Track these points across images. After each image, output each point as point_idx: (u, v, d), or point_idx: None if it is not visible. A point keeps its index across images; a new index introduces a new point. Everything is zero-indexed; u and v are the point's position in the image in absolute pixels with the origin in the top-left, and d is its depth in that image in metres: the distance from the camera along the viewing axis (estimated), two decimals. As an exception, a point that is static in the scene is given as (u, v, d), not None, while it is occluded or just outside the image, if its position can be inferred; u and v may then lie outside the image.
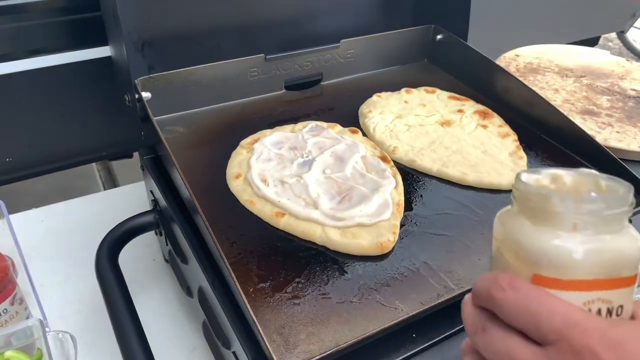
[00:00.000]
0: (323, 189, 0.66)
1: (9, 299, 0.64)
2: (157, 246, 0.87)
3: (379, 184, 0.66)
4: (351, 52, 0.93)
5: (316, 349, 0.48)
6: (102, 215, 0.92)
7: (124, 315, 0.62)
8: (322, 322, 0.51)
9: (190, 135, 0.78)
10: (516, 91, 0.84)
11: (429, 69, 1.00)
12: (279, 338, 0.49)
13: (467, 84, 0.93)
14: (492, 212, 0.65)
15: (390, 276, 0.56)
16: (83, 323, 0.75)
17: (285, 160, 0.71)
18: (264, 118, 0.83)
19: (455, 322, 0.54)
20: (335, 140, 0.75)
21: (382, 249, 0.59)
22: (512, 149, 0.75)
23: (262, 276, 0.56)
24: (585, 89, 0.96)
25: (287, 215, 0.63)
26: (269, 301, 0.53)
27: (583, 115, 0.88)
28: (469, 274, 0.57)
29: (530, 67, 1.04)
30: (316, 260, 0.58)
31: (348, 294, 0.54)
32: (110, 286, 0.66)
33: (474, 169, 0.70)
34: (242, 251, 0.59)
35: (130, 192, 0.99)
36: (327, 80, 0.93)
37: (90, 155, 1.03)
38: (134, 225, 0.73)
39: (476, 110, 0.83)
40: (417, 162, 0.72)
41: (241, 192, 0.66)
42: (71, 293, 0.79)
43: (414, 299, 0.54)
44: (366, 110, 0.83)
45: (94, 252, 0.72)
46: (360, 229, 0.61)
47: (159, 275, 0.84)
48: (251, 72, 0.85)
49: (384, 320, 0.51)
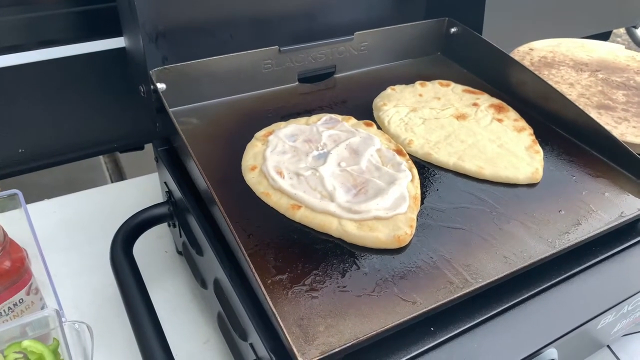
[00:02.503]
0: (339, 181, 0.66)
1: (24, 289, 0.64)
2: (169, 238, 0.87)
3: (395, 177, 0.66)
4: (365, 44, 0.93)
5: (335, 342, 0.48)
6: (114, 207, 0.93)
7: (140, 306, 0.62)
8: (340, 315, 0.51)
9: (204, 127, 0.78)
10: (531, 85, 0.84)
11: (442, 62, 0.99)
12: (298, 330, 0.49)
13: (480, 78, 0.93)
14: (509, 206, 0.65)
15: (408, 269, 0.56)
16: (96, 314, 0.75)
17: (300, 153, 0.71)
18: (277, 110, 0.83)
19: (473, 316, 0.54)
20: (350, 133, 0.74)
21: (399, 242, 0.58)
22: (528, 143, 0.75)
23: (280, 268, 0.56)
24: (601, 83, 0.95)
25: (303, 208, 0.62)
26: (287, 293, 0.53)
27: (599, 110, 0.87)
28: (486, 268, 0.57)
29: (545, 61, 1.03)
30: (333, 253, 0.58)
31: (366, 287, 0.54)
32: (126, 277, 0.66)
33: (491, 163, 0.70)
34: (259, 243, 0.59)
35: (142, 183, 0.99)
36: (340, 73, 0.92)
37: (101, 147, 1.03)
38: (148, 216, 0.73)
39: (491, 104, 0.83)
40: (432, 155, 0.72)
41: (257, 184, 0.66)
42: (84, 284, 0.79)
43: (432, 293, 0.53)
44: (380, 103, 0.83)
45: (106, 244, 0.72)
46: (377, 222, 0.60)
47: (172, 267, 0.84)
48: (265, 64, 0.85)
49: (402, 314, 0.51)
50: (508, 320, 0.55)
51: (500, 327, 0.55)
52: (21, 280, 0.64)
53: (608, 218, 0.64)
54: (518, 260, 0.58)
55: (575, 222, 0.63)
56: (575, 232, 0.62)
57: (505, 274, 0.55)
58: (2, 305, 0.63)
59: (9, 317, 0.64)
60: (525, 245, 0.60)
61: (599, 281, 0.61)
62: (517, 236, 0.61)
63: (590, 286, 0.61)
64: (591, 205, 0.66)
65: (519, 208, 0.65)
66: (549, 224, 0.63)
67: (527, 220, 0.63)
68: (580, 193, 0.68)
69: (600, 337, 0.65)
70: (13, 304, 0.64)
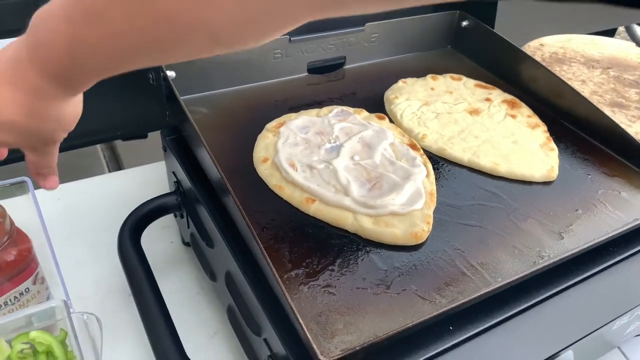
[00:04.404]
0: (352, 175, 0.65)
1: (30, 279, 0.63)
2: (175, 228, 0.86)
3: (409, 172, 0.65)
4: (375, 35, 0.91)
5: (355, 339, 0.47)
6: (118, 196, 0.91)
7: (150, 297, 0.61)
8: (359, 312, 0.50)
9: (213, 117, 0.77)
10: (544, 81, 0.83)
11: (453, 55, 0.98)
12: (316, 327, 0.48)
13: (491, 72, 0.92)
14: (525, 204, 0.64)
15: (426, 267, 0.55)
16: (101, 304, 0.74)
17: (312, 145, 0.69)
18: (286, 101, 0.82)
19: (492, 316, 0.53)
20: (362, 126, 0.73)
21: (416, 239, 0.57)
22: (543, 140, 0.74)
23: (295, 263, 0.55)
24: (613, 81, 0.94)
25: (317, 202, 0.61)
26: (303, 289, 0.52)
27: (612, 108, 0.87)
28: (505, 267, 0.56)
29: (556, 57, 1.02)
30: (349, 249, 0.57)
31: (384, 285, 0.53)
32: (134, 267, 0.65)
33: (506, 160, 0.69)
34: (273, 237, 0.58)
35: (146, 172, 0.98)
36: (350, 64, 0.91)
37: (105, 135, 1.01)
38: (156, 206, 0.72)
39: (504, 100, 0.82)
40: (447, 150, 0.71)
41: (269, 176, 0.65)
42: (89, 274, 0.78)
43: (452, 291, 0.53)
44: (392, 96, 0.81)
45: (110, 233, 0.71)
46: (393, 217, 0.59)
47: (177, 258, 0.82)
48: (275, 53, 0.83)
49: (423, 313, 0.50)
50: (526, 321, 0.54)
51: (519, 328, 0.54)
52: (27, 270, 0.63)
53: (626, 218, 0.63)
54: (537, 259, 0.57)
55: (592, 221, 0.63)
56: (593, 232, 0.61)
57: (525, 274, 0.54)
58: (8, 294, 0.61)
59: (15, 306, 0.63)
60: (544, 244, 0.59)
61: (617, 282, 0.61)
62: (535, 235, 0.60)
63: (608, 287, 0.60)
64: (607, 204, 0.65)
65: (535, 206, 0.64)
66: (566, 223, 0.62)
67: (544, 219, 0.62)
68: (596, 192, 0.67)
69: (614, 339, 0.65)
70: (19, 293, 0.62)
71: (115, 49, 0.44)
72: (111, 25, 0.42)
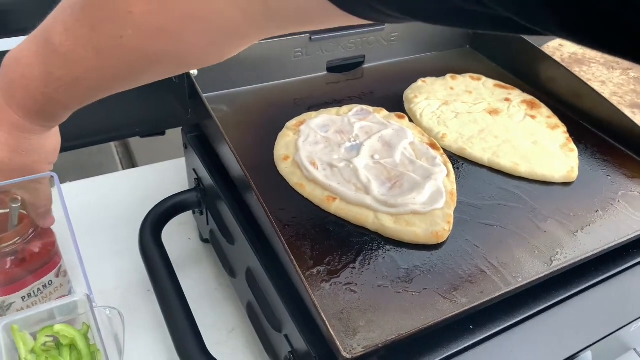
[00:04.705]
0: (373, 174, 0.65)
1: (54, 271, 0.64)
2: (193, 225, 0.87)
3: (430, 171, 0.65)
4: (395, 35, 0.91)
5: (376, 337, 0.47)
6: (136, 193, 0.92)
7: (171, 292, 0.62)
8: (381, 310, 0.50)
9: (233, 114, 0.77)
10: (563, 81, 0.83)
11: (471, 55, 0.98)
12: (338, 324, 0.49)
13: (510, 72, 0.92)
14: (545, 204, 0.64)
15: (446, 266, 0.56)
16: (121, 298, 0.75)
17: (333, 144, 0.70)
18: (306, 99, 0.82)
19: (512, 315, 0.53)
20: (382, 125, 0.73)
21: (437, 238, 0.58)
22: (563, 141, 0.74)
23: (317, 260, 0.55)
24: (633, 82, 0.94)
25: (338, 200, 0.62)
26: (325, 286, 0.53)
27: (633, 109, 0.86)
28: (525, 267, 0.56)
29: (575, 58, 1.02)
30: (369, 247, 0.58)
31: (405, 283, 0.53)
32: (156, 262, 0.66)
33: (526, 160, 0.69)
34: (295, 234, 0.58)
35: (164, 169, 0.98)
36: (369, 63, 0.91)
37: (123, 132, 1.02)
38: (177, 203, 0.73)
39: (523, 100, 0.82)
40: (467, 150, 0.71)
41: (290, 174, 0.65)
42: (110, 269, 0.79)
43: (473, 290, 0.53)
44: (412, 96, 0.82)
45: (130, 229, 0.72)
46: (413, 216, 0.60)
47: (195, 254, 0.83)
48: (295, 52, 0.84)
49: (444, 311, 0.50)
50: (546, 321, 0.55)
51: (538, 328, 0.54)
52: (51, 263, 0.64)
53: (646, 220, 0.63)
54: (557, 260, 0.57)
55: (612, 222, 0.63)
56: (613, 233, 0.61)
57: (545, 274, 0.55)
58: (32, 286, 0.62)
59: (38, 298, 0.64)
60: (563, 244, 0.59)
61: (637, 284, 0.61)
62: (555, 235, 0.60)
63: (628, 289, 0.60)
64: (628, 206, 0.65)
65: (556, 207, 0.64)
66: (586, 223, 0.62)
67: (564, 220, 0.62)
68: (616, 193, 0.67)
69: (632, 341, 0.65)
70: (42, 286, 0.63)
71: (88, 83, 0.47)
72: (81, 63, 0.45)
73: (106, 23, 0.41)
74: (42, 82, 0.47)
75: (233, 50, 0.45)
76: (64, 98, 0.49)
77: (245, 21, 0.40)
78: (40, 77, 0.47)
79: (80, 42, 0.43)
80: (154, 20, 0.40)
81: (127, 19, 0.40)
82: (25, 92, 0.48)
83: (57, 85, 0.47)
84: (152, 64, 0.44)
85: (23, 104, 0.50)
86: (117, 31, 0.41)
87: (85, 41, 0.43)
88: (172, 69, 0.47)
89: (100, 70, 0.45)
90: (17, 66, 0.48)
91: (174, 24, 0.40)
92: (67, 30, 0.43)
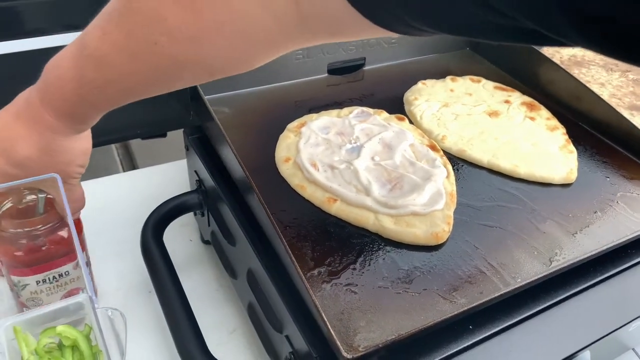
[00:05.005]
0: (373, 176, 0.65)
1: (73, 263, 0.65)
2: (194, 226, 0.87)
3: (430, 173, 0.66)
4: (395, 37, 0.92)
5: (377, 337, 0.48)
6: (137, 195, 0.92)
7: (173, 293, 0.63)
8: (381, 311, 0.51)
9: (235, 116, 0.77)
10: (562, 83, 0.83)
11: (471, 57, 0.99)
12: (339, 324, 0.49)
13: (510, 74, 0.92)
14: (544, 205, 0.65)
15: (446, 267, 0.56)
16: (123, 300, 0.75)
17: (334, 146, 0.70)
18: (306, 101, 0.83)
19: (511, 315, 0.54)
20: (383, 127, 0.74)
21: (437, 239, 0.58)
22: (562, 142, 0.74)
23: (318, 261, 0.56)
24: (632, 84, 0.94)
25: (339, 201, 0.62)
26: (325, 287, 0.53)
27: (631, 111, 0.87)
28: (525, 268, 0.56)
29: (575, 60, 1.03)
30: (370, 248, 0.58)
31: (405, 284, 0.54)
32: (158, 264, 0.66)
33: (525, 162, 0.70)
34: (296, 235, 0.59)
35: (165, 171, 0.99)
36: (370, 65, 0.92)
37: (125, 133, 1.03)
38: (178, 204, 0.73)
39: (523, 102, 0.82)
40: (467, 152, 0.71)
41: (291, 176, 0.66)
42: (111, 270, 0.79)
43: (472, 291, 0.53)
44: (412, 98, 0.82)
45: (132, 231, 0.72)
46: (413, 217, 0.60)
47: (197, 255, 0.84)
48: (296, 54, 0.84)
49: (444, 312, 0.50)
50: (545, 321, 0.55)
51: (537, 327, 0.55)
52: (72, 254, 0.64)
53: (644, 221, 0.63)
54: (555, 260, 0.57)
55: (610, 223, 0.63)
56: (612, 234, 0.61)
57: (544, 275, 0.55)
58: (48, 273, 0.63)
59: (53, 285, 0.65)
60: (562, 245, 0.59)
61: (635, 284, 0.61)
62: (554, 236, 0.60)
63: (626, 289, 0.60)
64: (626, 207, 0.65)
65: (555, 208, 0.65)
66: (585, 225, 0.63)
67: (563, 221, 0.63)
68: (614, 194, 0.67)
69: (630, 341, 0.65)
70: (58, 274, 0.64)
71: (120, 88, 0.49)
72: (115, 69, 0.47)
73: (141, 29, 0.43)
74: (76, 84, 0.49)
75: (264, 59, 0.45)
76: (96, 100, 0.50)
77: (279, 31, 0.41)
78: (74, 79, 0.49)
79: (115, 47, 0.45)
80: (188, 28, 0.41)
81: (161, 26, 0.41)
82: (60, 93, 0.51)
83: (90, 87, 0.48)
84: (183, 71, 0.45)
85: (56, 104, 0.52)
86: (151, 37, 0.42)
87: (120, 46, 0.44)
88: (203, 76, 0.48)
89: (133, 75, 0.46)
90: (56, 69, 0.50)
91: (207, 33, 0.41)
92: (104, 34, 0.45)
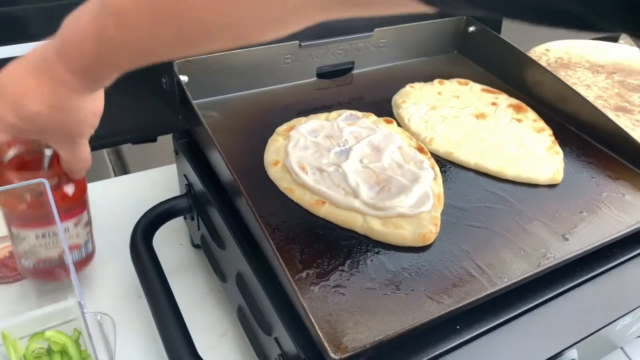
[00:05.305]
0: (361, 178, 0.66)
1: (73, 220, 0.66)
2: (184, 230, 0.87)
3: (417, 174, 0.66)
4: (383, 41, 0.93)
5: (364, 338, 0.48)
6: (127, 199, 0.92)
7: (163, 298, 0.63)
8: (368, 312, 0.51)
9: (224, 120, 0.78)
10: (549, 85, 0.84)
11: (460, 60, 0.99)
12: (327, 326, 0.49)
13: (498, 77, 0.93)
14: (531, 206, 0.65)
15: (433, 268, 0.56)
16: (112, 304, 0.75)
17: (322, 149, 0.71)
18: (296, 105, 0.83)
19: (498, 315, 0.54)
20: (371, 130, 0.74)
21: (424, 240, 0.59)
22: (548, 144, 0.75)
23: (306, 264, 0.56)
24: (617, 85, 0.95)
25: (327, 204, 0.63)
26: (314, 289, 0.53)
27: (617, 112, 0.88)
28: (511, 268, 0.57)
29: (561, 62, 1.04)
30: (358, 250, 0.58)
31: (393, 285, 0.54)
32: (147, 268, 0.66)
33: (512, 163, 0.70)
34: (284, 238, 0.59)
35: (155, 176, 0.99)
36: (358, 69, 0.92)
37: (116, 138, 1.02)
38: (168, 208, 0.73)
39: (510, 104, 0.83)
40: (454, 154, 0.72)
41: (280, 179, 0.66)
42: (100, 275, 0.79)
43: (459, 291, 0.54)
44: (400, 101, 0.83)
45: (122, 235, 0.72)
46: (401, 219, 0.61)
47: (187, 259, 0.84)
48: (285, 58, 0.85)
49: (431, 312, 0.51)
50: (531, 320, 0.56)
51: (524, 327, 0.55)
52: (73, 212, 0.65)
53: (629, 220, 0.64)
54: (542, 260, 0.58)
55: (596, 223, 0.64)
56: (598, 234, 0.62)
57: (530, 275, 0.56)
58: (48, 228, 0.64)
59: (52, 240, 0.65)
60: (549, 245, 0.60)
61: (620, 283, 0.62)
62: (540, 236, 0.61)
63: (612, 288, 0.61)
64: (612, 207, 0.66)
65: (541, 208, 0.65)
66: (571, 225, 0.63)
67: (549, 221, 0.63)
68: (600, 195, 0.68)
69: (617, 339, 0.66)
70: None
71: (139, 48, 0.46)
72: (136, 30, 0.44)
73: None
74: (95, 42, 0.47)
75: (291, 28, 0.42)
76: (114, 59, 0.49)
77: None
78: (93, 37, 0.47)
79: (137, 6, 0.43)
80: None
81: None
82: (77, 50, 0.49)
83: (109, 47, 0.47)
84: (207, 36, 0.43)
85: (73, 60, 0.50)
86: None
87: (143, 7, 0.43)
88: (228, 42, 0.45)
89: (153, 37, 0.45)
90: (75, 24, 0.49)
91: None
92: None
